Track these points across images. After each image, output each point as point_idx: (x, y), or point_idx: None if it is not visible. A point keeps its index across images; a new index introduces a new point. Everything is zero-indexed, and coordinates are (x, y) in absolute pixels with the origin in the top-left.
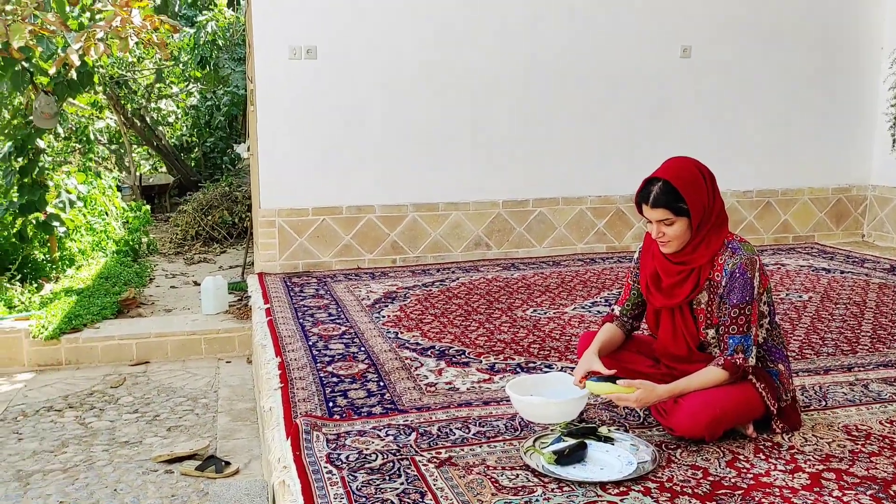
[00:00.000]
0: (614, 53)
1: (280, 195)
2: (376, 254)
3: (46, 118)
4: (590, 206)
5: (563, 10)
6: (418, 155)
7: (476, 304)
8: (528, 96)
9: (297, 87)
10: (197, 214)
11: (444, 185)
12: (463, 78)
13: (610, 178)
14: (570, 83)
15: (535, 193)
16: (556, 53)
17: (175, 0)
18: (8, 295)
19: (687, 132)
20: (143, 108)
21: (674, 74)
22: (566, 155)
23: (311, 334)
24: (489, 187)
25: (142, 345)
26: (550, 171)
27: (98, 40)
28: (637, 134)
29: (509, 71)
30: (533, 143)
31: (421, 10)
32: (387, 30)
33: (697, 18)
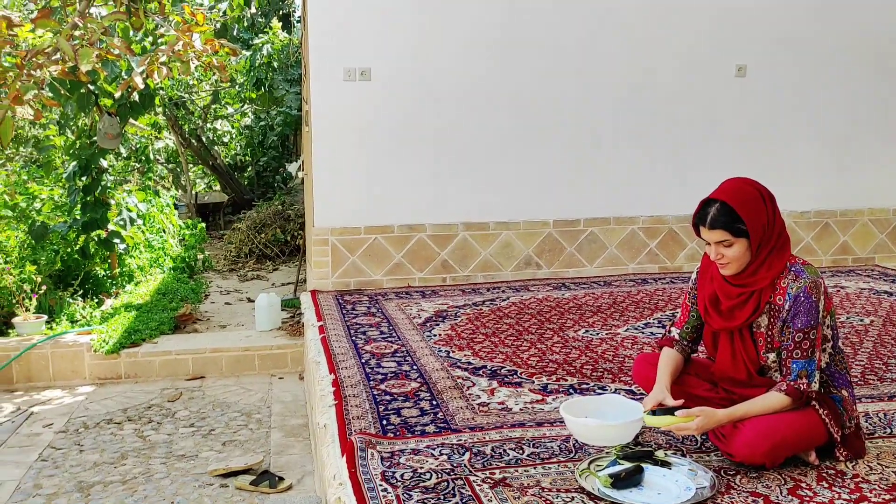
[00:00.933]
0: (668, 72)
1: (333, 214)
2: (427, 272)
3: (110, 139)
4: (641, 225)
5: (616, 28)
6: (469, 175)
7: (527, 323)
8: (579, 116)
9: (351, 108)
10: (250, 232)
11: (495, 205)
12: (514, 98)
13: (662, 197)
14: (622, 102)
15: (586, 213)
16: (608, 72)
17: (233, 24)
18: (70, 310)
19: (741, 152)
20: (199, 128)
21: (728, 93)
22: (618, 174)
23: (363, 352)
24: (539, 207)
25: (197, 360)
26: (601, 191)
27: (161, 64)
28: (690, 153)
29: (561, 91)
30: (584, 163)
31: (473, 31)
32: (439, 51)
33: (753, 37)
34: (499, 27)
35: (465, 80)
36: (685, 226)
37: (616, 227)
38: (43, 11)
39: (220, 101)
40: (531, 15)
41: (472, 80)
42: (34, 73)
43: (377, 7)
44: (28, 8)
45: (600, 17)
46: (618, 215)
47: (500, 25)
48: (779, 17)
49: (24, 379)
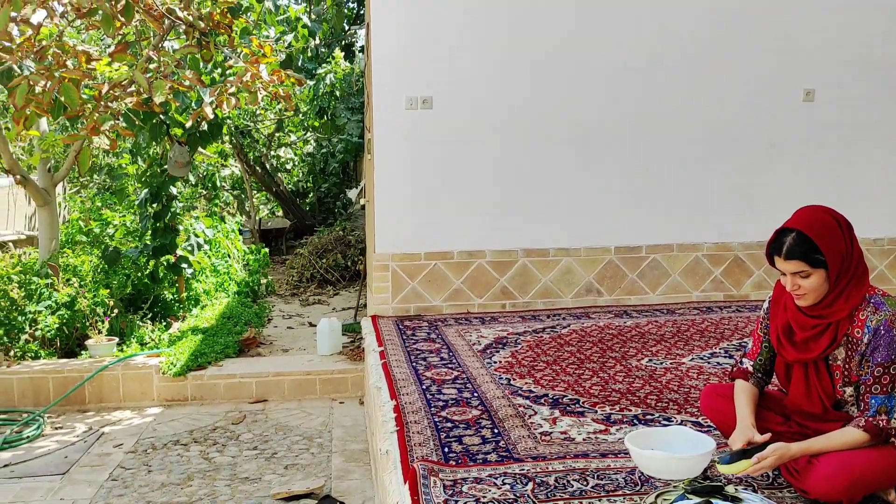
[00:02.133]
0: (733, 96)
1: (394, 240)
2: (486, 298)
3: (180, 167)
4: (706, 252)
5: (679, 52)
6: (529, 201)
7: (589, 351)
8: (641, 141)
9: (413, 135)
10: (312, 257)
11: (555, 231)
12: (574, 124)
13: (727, 224)
14: (685, 126)
15: (648, 240)
16: (671, 97)
17: (298, 55)
18: (140, 332)
19: (809, 178)
20: (263, 155)
21: (795, 118)
22: (681, 200)
23: (424, 378)
24: (600, 233)
25: (261, 383)
26: (664, 217)
27: (230, 94)
28: (756, 179)
29: (621, 115)
30: (646, 189)
31: (533, 59)
32: (499, 79)
33: (822, 60)
34: (558, 55)
35: (525, 107)
36: (751, 253)
37: (679, 253)
38: (120, 46)
39: (284, 129)
40: (590, 42)
41: (532, 107)
42: (111, 105)
43: (439, 37)
44: (105, 42)
45: (661, 42)
46: (681, 242)
47: (560, 53)
48: (848, 39)
49: (95, 399)
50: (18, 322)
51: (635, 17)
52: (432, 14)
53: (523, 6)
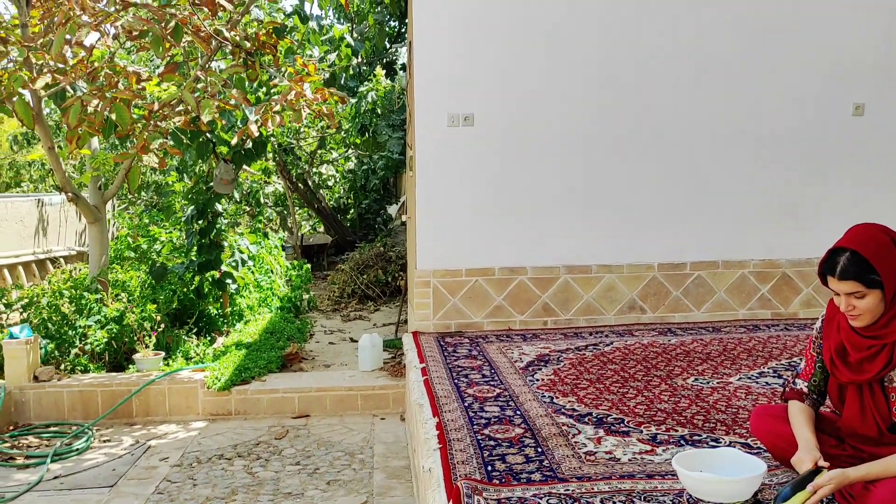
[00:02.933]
0: (779, 108)
1: (435, 256)
2: (527, 315)
3: (225, 184)
4: (752, 269)
5: (722, 64)
6: (571, 217)
7: (632, 370)
8: (683, 155)
9: (455, 152)
10: (353, 273)
11: (597, 248)
12: (617, 139)
13: (774, 240)
14: (730, 141)
15: (693, 256)
16: (714, 110)
17: (341, 73)
18: (185, 347)
19: (859, 193)
20: (306, 172)
21: (844, 133)
22: (726, 216)
23: (466, 395)
24: (643, 249)
25: (303, 398)
26: (709, 234)
27: (274, 113)
28: (804, 195)
29: (664, 130)
30: (690, 205)
31: (574, 75)
32: (540, 95)
33: (872, 74)
34: (598, 70)
35: (565, 122)
36: (800, 270)
37: (725, 270)
38: (169, 66)
39: (326, 146)
40: (630, 56)
41: (573, 122)
42: (160, 124)
43: (480, 54)
44: (154, 63)
45: (704, 57)
46: (726, 259)
47: (600, 68)
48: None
49: (142, 413)
50: (69, 336)
51: (675, 29)
52: (474, 32)
53: (563, 22)
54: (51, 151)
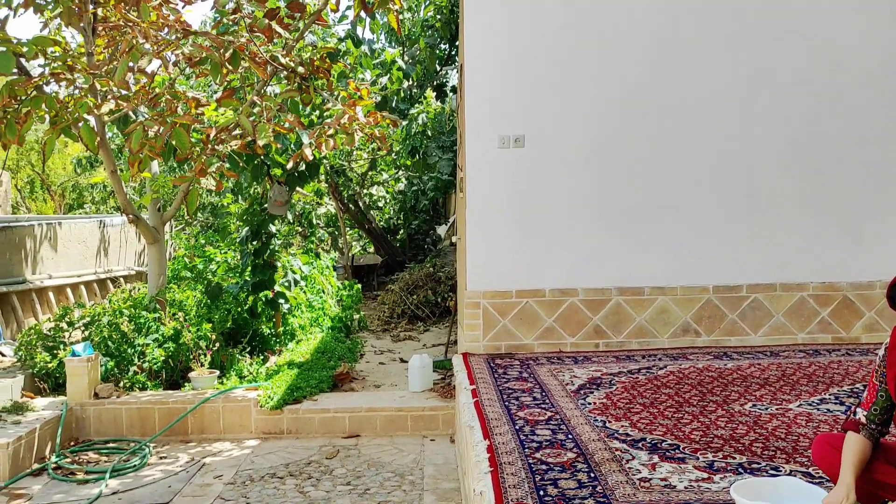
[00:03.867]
0: (838, 130)
1: (485, 278)
2: (579, 337)
3: (279, 206)
4: (811, 292)
5: (780, 86)
6: (623, 238)
7: (687, 394)
8: (738, 175)
9: (505, 173)
10: (403, 293)
11: (650, 269)
12: (669, 160)
13: (834, 262)
14: (786, 161)
15: (749, 278)
16: (771, 131)
17: (392, 96)
18: (239, 366)
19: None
20: (357, 194)
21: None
22: (782, 237)
23: (517, 418)
24: (698, 271)
25: (354, 418)
26: (766, 255)
27: (328, 136)
28: (865, 217)
29: (718, 149)
30: (745, 225)
31: (625, 94)
32: (592, 116)
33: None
34: (651, 91)
35: (618, 143)
36: (862, 293)
37: (783, 293)
38: (226, 92)
39: (377, 167)
40: (683, 77)
41: (625, 143)
42: (217, 148)
43: (531, 77)
44: (212, 88)
45: (758, 75)
46: (784, 281)
47: (652, 89)
48: None
49: (197, 430)
50: (128, 354)
51: (731, 51)
52: (524, 55)
53: (614, 44)
54: (113, 174)
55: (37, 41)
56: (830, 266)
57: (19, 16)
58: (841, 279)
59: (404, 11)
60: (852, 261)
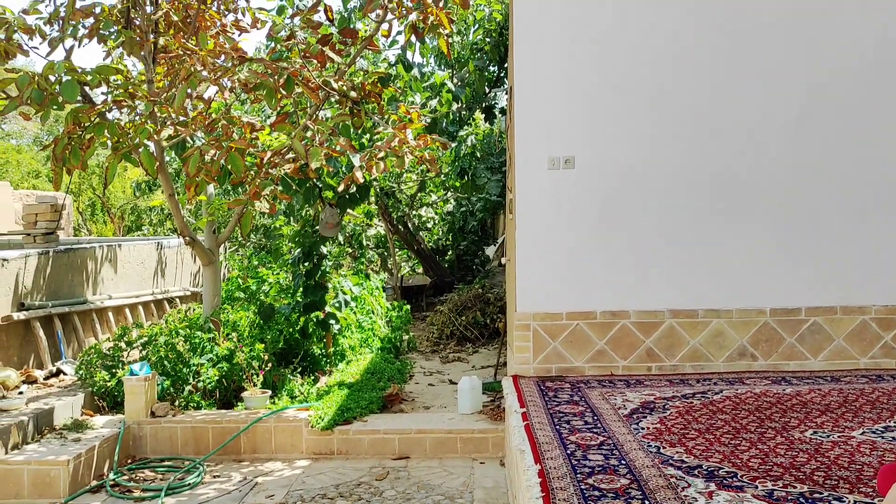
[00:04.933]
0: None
1: (535, 299)
2: (631, 360)
3: (330, 228)
4: (874, 316)
5: (831, 101)
6: (675, 260)
7: (744, 420)
8: (796, 195)
9: (555, 195)
10: (452, 314)
11: (704, 291)
12: (721, 177)
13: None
14: (845, 180)
15: (808, 301)
16: (828, 148)
17: (441, 118)
18: (290, 386)
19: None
20: (406, 215)
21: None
22: (843, 259)
23: (568, 442)
24: (754, 293)
25: (403, 440)
26: (825, 277)
27: (379, 159)
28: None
29: (773, 168)
30: (803, 246)
31: (678, 112)
32: (643, 136)
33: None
34: (703, 110)
35: (669, 163)
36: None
37: (844, 316)
38: (280, 117)
39: (426, 189)
40: (738, 96)
41: (677, 163)
42: (271, 172)
43: (581, 99)
44: (265, 112)
45: (812, 92)
46: (845, 304)
47: (705, 108)
48: None
49: (249, 450)
50: (183, 374)
51: (786, 72)
52: (574, 77)
53: (665, 66)
54: (171, 198)
55: (100, 70)
56: (894, 288)
57: (84, 46)
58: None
59: (454, 35)
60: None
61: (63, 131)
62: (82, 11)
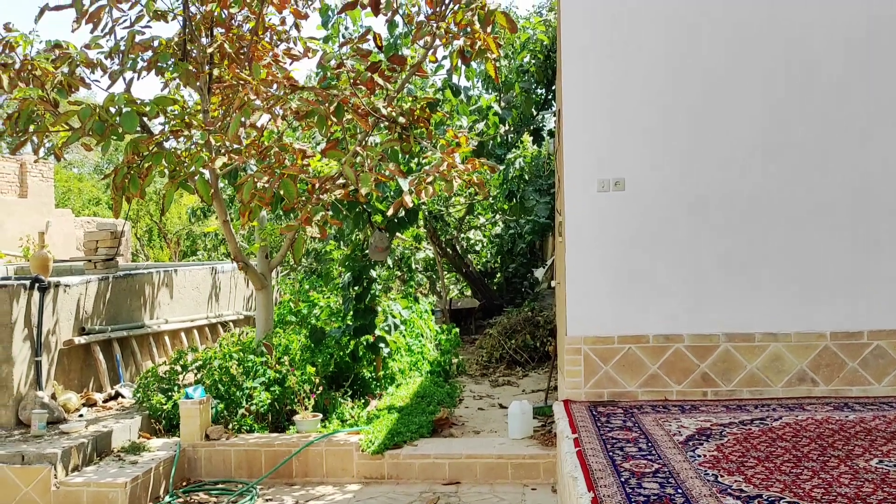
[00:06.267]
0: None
1: (586, 323)
2: (685, 385)
3: (380, 252)
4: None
5: (892, 119)
6: (730, 282)
7: (806, 448)
8: (856, 214)
9: (605, 217)
10: (501, 338)
11: (760, 314)
12: (778, 198)
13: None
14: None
15: (870, 324)
16: (889, 170)
17: (489, 142)
18: (341, 409)
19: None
20: (454, 238)
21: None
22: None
23: (622, 469)
24: (813, 316)
25: (453, 465)
26: (888, 299)
27: (427, 183)
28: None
29: (832, 187)
30: (864, 268)
31: (730, 132)
32: (695, 159)
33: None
34: (759, 131)
35: (722, 183)
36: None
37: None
38: (330, 143)
39: (474, 212)
40: (794, 117)
41: (730, 182)
42: (322, 197)
43: (631, 120)
44: (316, 139)
45: (872, 112)
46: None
47: (761, 130)
48: None
49: (301, 474)
50: (237, 397)
51: (845, 89)
52: (623, 98)
53: (719, 83)
54: (225, 224)
55: (158, 101)
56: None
57: (142, 78)
58: None
59: (501, 59)
60: None
61: (123, 161)
62: (141, 45)
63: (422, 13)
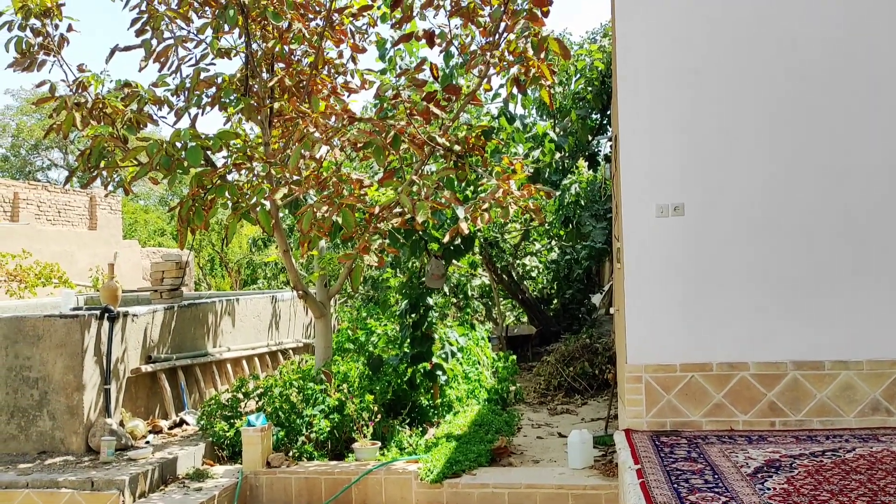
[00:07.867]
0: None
1: (646, 351)
2: (751, 415)
3: (436, 279)
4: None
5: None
6: (797, 308)
7: (882, 482)
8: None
9: (664, 243)
10: (559, 365)
11: (830, 342)
12: (845, 221)
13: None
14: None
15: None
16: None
17: (545, 168)
18: (399, 437)
19: None
20: (510, 264)
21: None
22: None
23: (687, 502)
24: (886, 343)
25: (513, 495)
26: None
27: (483, 210)
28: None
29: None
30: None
31: (792, 155)
32: (756, 183)
33: None
34: (822, 154)
35: (786, 207)
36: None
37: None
38: (387, 173)
39: (530, 238)
40: (858, 138)
41: (794, 206)
42: (379, 226)
43: (689, 145)
44: (373, 169)
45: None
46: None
47: (824, 152)
48: None
49: (360, 501)
50: (297, 424)
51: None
52: (680, 123)
53: (776, 104)
54: (285, 253)
55: (221, 135)
56: None
57: (206, 113)
58: None
59: (555, 86)
60: None
61: (188, 194)
62: (206, 82)
63: (476, 43)
